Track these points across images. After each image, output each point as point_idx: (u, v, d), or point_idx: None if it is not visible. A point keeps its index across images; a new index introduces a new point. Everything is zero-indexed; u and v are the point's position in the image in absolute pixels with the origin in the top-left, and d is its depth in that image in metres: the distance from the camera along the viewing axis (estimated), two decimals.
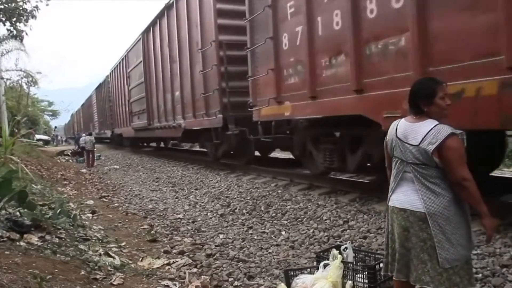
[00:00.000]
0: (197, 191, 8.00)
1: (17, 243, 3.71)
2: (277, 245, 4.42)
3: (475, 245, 2.49)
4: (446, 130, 2.07)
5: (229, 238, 4.84)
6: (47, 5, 11.14)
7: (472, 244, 2.20)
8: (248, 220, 5.55)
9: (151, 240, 4.97)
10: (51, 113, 50.75)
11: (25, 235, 3.94)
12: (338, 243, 3.94)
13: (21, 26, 10.96)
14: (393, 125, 2.32)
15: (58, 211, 4.91)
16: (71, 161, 18.39)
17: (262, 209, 5.94)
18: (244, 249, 4.38)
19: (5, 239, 3.73)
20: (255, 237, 4.77)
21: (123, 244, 4.75)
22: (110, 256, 4.09)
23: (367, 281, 2.90)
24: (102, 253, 4.18)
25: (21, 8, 10.63)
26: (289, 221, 5.22)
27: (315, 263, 3.36)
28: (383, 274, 2.45)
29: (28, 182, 6.87)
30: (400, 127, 2.26)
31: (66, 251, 3.80)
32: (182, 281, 3.56)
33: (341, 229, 4.58)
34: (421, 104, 2.17)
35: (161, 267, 3.93)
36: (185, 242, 4.82)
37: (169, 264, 4.04)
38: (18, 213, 4.45)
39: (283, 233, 4.81)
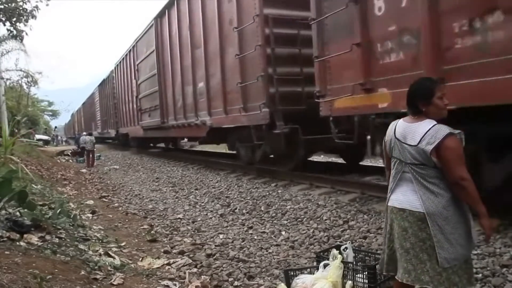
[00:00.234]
0: (197, 191, 8.00)
1: (17, 243, 3.71)
2: (277, 245, 4.42)
3: (475, 245, 2.48)
4: (444, 130, 2.08)
5: (229, 238, 4.84)
6: (47, 5, 11.13)
7: (472, 243, 2.20)
8: (248, 220, 5.55)
9: (151, 240, 4.97)
10: (51, 113, 50.76)
11: (25, 235, 3.94)
12: (338, 243, 3.94)
13: (21, 26, 10.95)
14: (392, 125, 2.33)
15: (58, 211, 4.92)
16: (71, 161, 18.39)
17: (262, 209, 5.94)
18: (244, 249, 4.38)
19: (5, 239, 3.73)
20: (255, 237, 4.77)
21: (123, 244, 4.75)
22: (110, 256, 4.10)
23: (367, 281, 2.90)
24: (102, 253, 4.18)
25: (21, 8, 10.62)
26: (289, 221, 5.22)
27: (315, 263, 3.36)
28: (378, 271, 2.45)
29: (28, 182, 6.86)
30: (398, 127, 2.26)
31: (66, 251, 3.80)
32: (182, 281, 3.57)
33: (341, 229, 4.58)
34: (419, 104, 2.17)
35: (161, 267, 3.94)
36: (185, 242, 4.82)
37: (169, 264, 4.05)
38: (18, 213, 4.45)
39: (283, 233, 4.81)
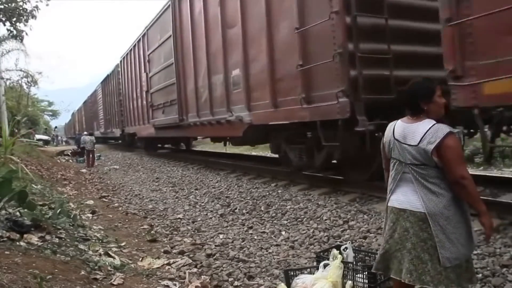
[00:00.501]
0: (197, 191, 8.00)
1: (17, 243, 3.71)
2: (277, 245, 4.42)
3: (476, 245, 2.49)
4: (444, 129, 2.09)
5: (229, 238, 4.84)
6: (47, 5, 11.14)
7: (473, 243, 2.21)
8: (248, 220, 5.55)
9: (151, 240, 4.97)
10: (51, 113, 50.78)
11: (25, 235, 3.94)
12: (338, 243, 3.94)
13: (21, 26, 10.97)
14: (390, 126, 2.34)
15: (58, 211, 4.92)
16: (71, 161, 18.40)
17: (262, 209, 5.94)
18: (244, 249, 4.38)
19: (5, 239, 3.73)
20: (255, 237, 4.77)
21: (123, 244, 4.75)
22: (110, 256, 4.10)
23: (367, 281, 2.90)
24: (102, 253, 4.18)
25: (21, 8, 10.63)
26: (289, 221, 5.22)
27: (315, 263, 3.36)
28: (374, 270, 2.44)
29: (28, 182, 6.86)
30: (397, 128, 2.27)
31: (66, 251, 3.80)
32: (182, 281, 3.57)
33: (341, 229, 4.58)
34: (422, 103, 2.19)
35: (161, 267, 3.94)
36: (185, 242, 4.82)
37: (169, 264, 4.05)
38: (18, 213, 4.45)
39: (283, 233, 4.81)
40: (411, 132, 2.17)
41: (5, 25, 10.87)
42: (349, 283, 2.87)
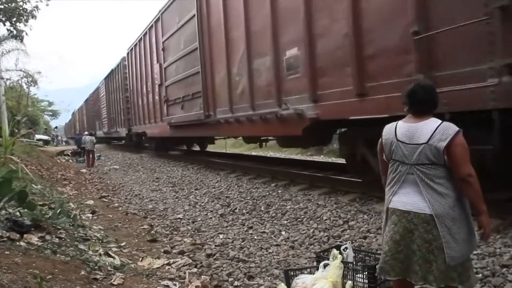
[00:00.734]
0: (197, 191, 8.00)
1: (17, 243, 3.71)
2: (277, 245, 4.42)
3: (477, 244, 2.50)
4: (453, 127, 2.12)
5: (229, 238, 4.84)
6: (47, 5, 11.14)
7: (475, 241, 2.23)
8: (248, 220, 5.55)
9: (151, 240, 4.97)
10: (51, 113, 50.80)
11: (25, 235, 3.94)
12: (338, 243, 3.94)
13: (21, 26, 10.97)
14: (390, 128, 2.31)
15: (58, 211, 4.92)
16: (71, 161, 18.40)
17: (262, 209, 5.94)
18: (244, 249, 4.38)
19: (5, 239, 3.73)
20: (255, 237, 4.77)
21: (123, 244, 4.75)
22: (110, 256, 4.10)
23: (367, 281, 2.90)
24: (102, 253, 4.18)
25: (21, 8, 10.63)
26: (289, 221, 5.22)
27: (315, 263, 3.35)
28: (378, 275, 2.45)
29: (28, 182, 6.87)
30: (400, 129, 2.25)
31: (66, 251, 3.81)
32: (182, 281, 3.57)
33: (341, 229, 4.58)
34: (438, 102, 2.27)
35: (161, 267, 3.94)
36: (185, 242, 4.82)
37: (169, 264, 4.05)
38: (18, 213, 4.45)
39: (283, 233, 4.81)
40: (418, 130, 2.17)
41: (5, 25, 10.89)
42: (349, 283, 2.87)
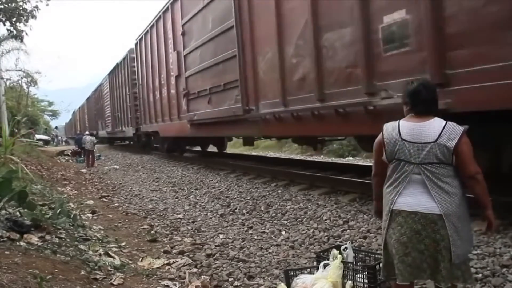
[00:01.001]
0: (197, 191, 8.00)
1: (17, 243, 3.71)
2: (277, 245, 4.42)
3: (474, 243, 2.54)
4: (459, 126, 2.14)
5: (229, 238, 4.84)
6: (47, 5, 11.13)
7: (472, 239, 2.28)
8: (248, 220, 5.55)
9: (151, 240, 4.97)
10: (51, 113, 50.80)
11: (25, 235, 3.94)
12: (338, 243, 3.94)
13: (21, 26, 10.95)
14: (392, 128, 2.27)
15: (58, 211, 4.92)
16: (71, 161, 18.40)
17: (262, 209, 5.94)
18: (244, 249, 4.38)
19: (5, 239, 3.73)
20: (255, 237, 4.77)
21: (123, 244, 4.75)
22: (110, 256, 4.10)
23: (367, 281, 2.90)
24: (102, 253, 4.18)
25: (21, 8, 10.62)
26: (289, 221, 5.22)
27: (315, 263, 3.35)
28: (383, 278, 2.45)
29: (28, 182, 6.87)
30: (403, 128, 2.22)
31: (66, 251, 3.81)
32: (182, 281, 3.57)
33: (341, 229, 4.58)
34: (437, 103, 2.29)
35: (161, 267, 3.94)
36: (185, 242, 4.82)
37: (169, 264, 4.05)
38: (18, 213, 4.45)
39: (283, 233, 4.81)
40: (424, 129, 2.16)
41: (5, 25, 10.88)
42: (349, 283, 2.87)
